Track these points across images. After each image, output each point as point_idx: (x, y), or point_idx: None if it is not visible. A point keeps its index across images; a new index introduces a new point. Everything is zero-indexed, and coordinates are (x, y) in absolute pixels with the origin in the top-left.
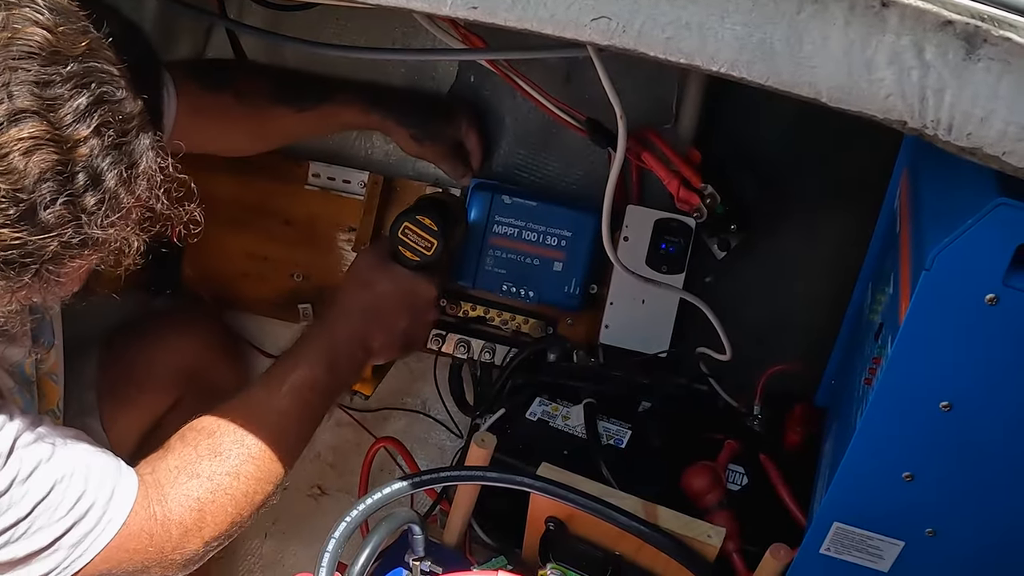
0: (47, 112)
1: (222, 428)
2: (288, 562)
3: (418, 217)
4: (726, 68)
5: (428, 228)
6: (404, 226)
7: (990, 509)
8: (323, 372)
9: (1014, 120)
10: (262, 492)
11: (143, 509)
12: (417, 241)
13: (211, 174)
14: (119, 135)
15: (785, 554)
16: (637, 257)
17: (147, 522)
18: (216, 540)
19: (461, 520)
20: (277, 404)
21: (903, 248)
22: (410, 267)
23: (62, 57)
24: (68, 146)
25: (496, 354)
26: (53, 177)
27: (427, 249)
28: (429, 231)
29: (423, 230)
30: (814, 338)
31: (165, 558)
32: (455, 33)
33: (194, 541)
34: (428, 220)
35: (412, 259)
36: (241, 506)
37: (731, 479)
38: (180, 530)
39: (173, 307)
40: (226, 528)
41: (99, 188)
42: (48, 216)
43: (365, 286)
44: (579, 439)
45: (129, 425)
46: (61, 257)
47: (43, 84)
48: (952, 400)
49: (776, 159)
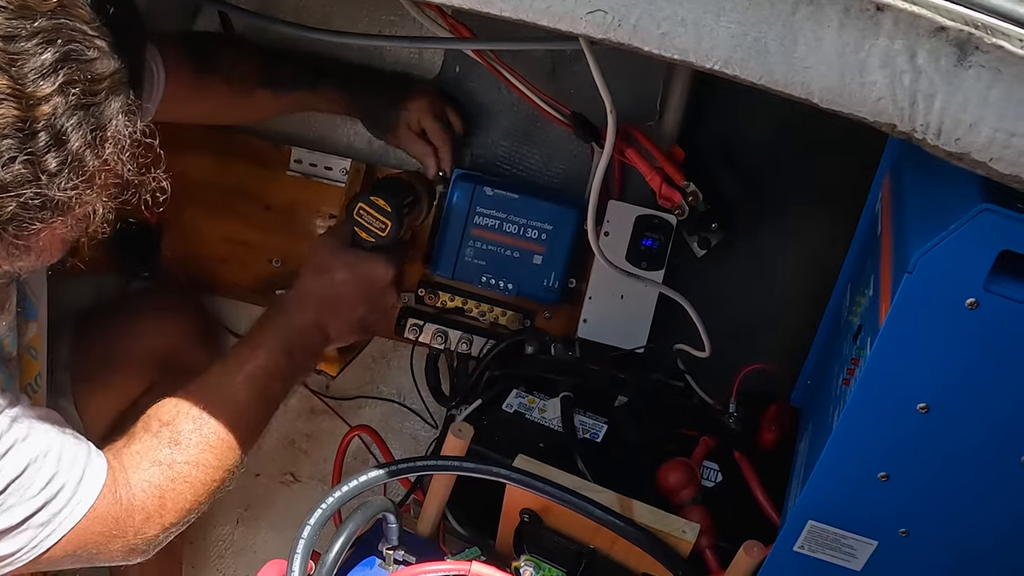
0: (8, 67)
1: (181, 416)
2: (260, 548)
3: (372, 198)
4: (720, 66)
5: (382, 209)
6: (359, 207)
7: (963, 511)
8: (280, 358)
9: (1002, 127)
10: (219, 479)
11: (110, 493)
12: (371, 223)
13: (192, 157)
14: (86, 95)
15: (758, 551)
16: (617, 253)
17: (113, 506)
18: (175, 526)
19: (435, 510)
20: (234, 392)
21: (884, 251)
22: (366, 249)
23: (30, 12)
24: (30, 103)
25: (473, 345)
26: (12, 134)
27: (381, 230)
28: (383, 212)
29: (377, 211)
30: (791, 338)
31: (127, 542)
32: (442, 22)
33: (154, 527)
34: (381, 201)
35: (368, 240)
36: (199, 493)
37: (706, 476)
38: (142, 515)
39: (150, 290)
40: (185, 514)
41: (62, 149)
42: (5, 174)
43: (321, 271)
44: (555, 432)
45: (103, 407)
46: (21, 220)
47: (7, 38)
48: (930, 402)
49: (759, 159)
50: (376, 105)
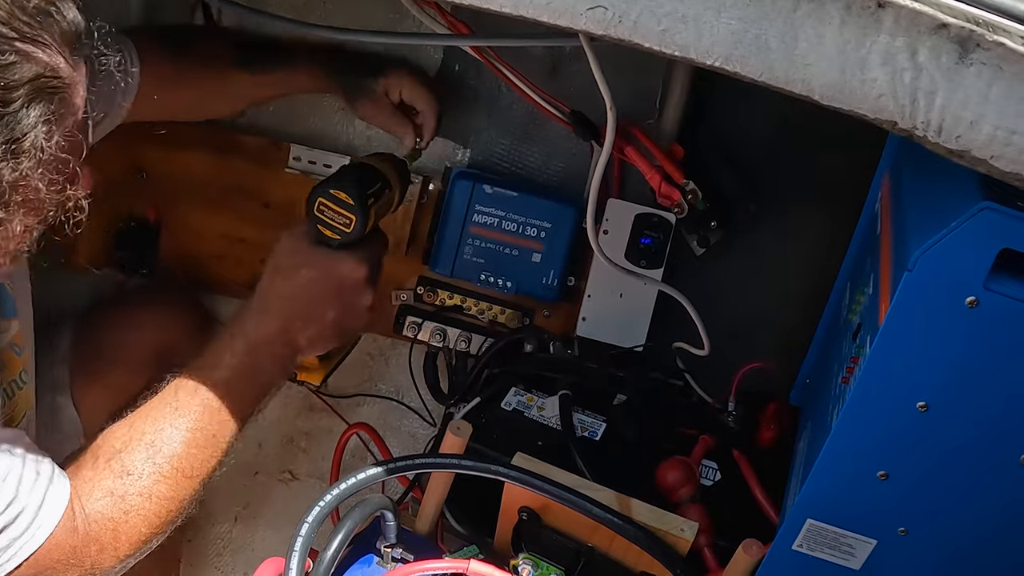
0: None
1: (133, 443)
2: (258, 546)
3: (332, 191)
4: (720, 63)
5: (343, 202)
6: (319, 202)
7: (963, 510)
8: (240, 376)
9: (1003, 124)
10: (176, 509)
11: (69, 521)
12: (334, 218)
13: (190, 155)
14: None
15: (757, 550)
16: (617, 251)
17: (71, 535)
18: (131, 556)
19: (434, 508)
20: (189, 419)
21: (884, 249)
22: (333, 247)
23: None
24: None
25: (472, 343)
26: None
27: (346, 226)
28: (345, 205)
29: (339, 205)
30: (790, 337)
31: (85, 572)
32: (441, 19)
33: (109, 558)
34: (342, 194)
35: (333, 238)
36: (154, 525)
37: (704, 474)
38: (97, 547)
39: (149, 287)
40: (140, 546)
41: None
42: None
43: (284, 275)
44: (554, 430)
45: (100, 403)
46: None
47: None
48: (929, 401)
49: (758, 157)
50: (354, 75)
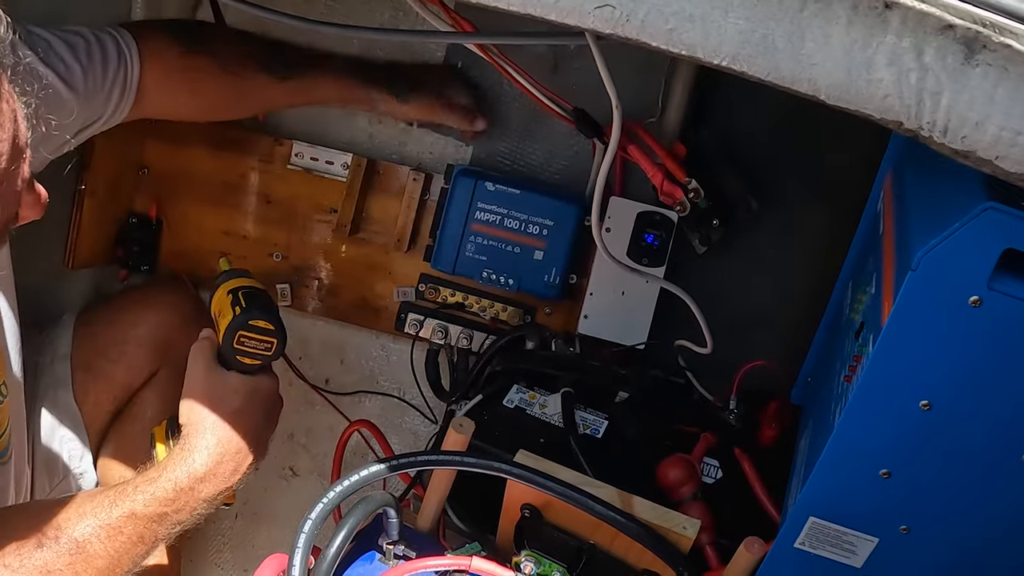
0: None
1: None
2: (259, 543)
3: (251, 323)
4: (727, 62)
5: (264, 330)
6: (239, 336)
7: (965, 509)
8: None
9: (1008, 125)
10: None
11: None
12: (256, 346)
13: (192, 151)
14: None
15: (759, 547)
16: (619, 249)
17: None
18: None
19: (436, 505)
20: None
21: (886, 249)
22: (252, 372)
23: None
24: None
25: (474, 340)
26: None
27: (267, 350)
28: (266, 332)
29: (260, 333)
30: (791, 335)
31: None
32: (445, 16)
33: None
34: (262, 322)
35: (254, 364)
36: None
37: (706, 472)
38: None
39: (150, 283)
40: None
41: None
42: None
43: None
44: (556, 428)
45: (102, 399)
46: None
47: None
48: (932, 400)
49: (760, 156)
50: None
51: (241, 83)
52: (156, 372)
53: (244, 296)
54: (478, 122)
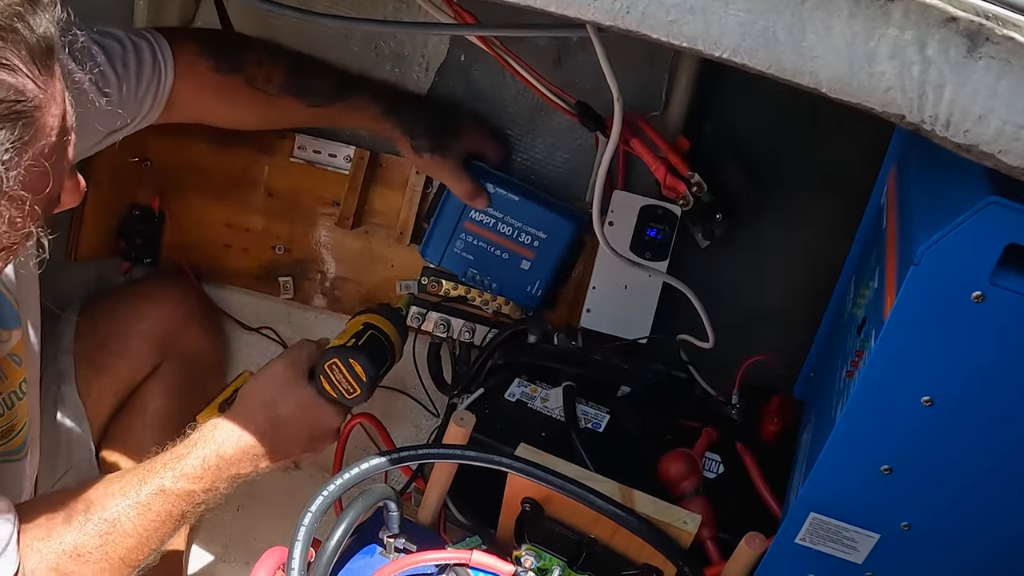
0: None
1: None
2: (259, 536)
3: (351, 360)
4: (728, 54)
5: (357, 376)
6: (333, 362)
7: (966, 505)
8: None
9: (1011, 119)
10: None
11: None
12: (340, 381)
13: (195, 144)
14: None
15: (760, 543)
16: (622, 242)
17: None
18: None
19: (436, 499)
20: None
21: (889, 243)
22: (324, 397)
23: None
24: None
25: (476, 334)
26: None
27: (348, 392)
28: (357, 379)
29: (351, 374)
30: (794, 330)
31: None
32: (447, 9)
33: None
34: (359, 368)
35: (330, 393)
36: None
37: (707, 467)
38: None
39: (152, 276)
40: None
41: None
42: None
43: (268, 405)
44: (557, 421)
45: (105, 392)
46: None
47: None
48: (934, 395)
49: (763, 150)
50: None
51: (268, 104)
52: (159, 365)
53: (369, 337)
54: (478, 201)
